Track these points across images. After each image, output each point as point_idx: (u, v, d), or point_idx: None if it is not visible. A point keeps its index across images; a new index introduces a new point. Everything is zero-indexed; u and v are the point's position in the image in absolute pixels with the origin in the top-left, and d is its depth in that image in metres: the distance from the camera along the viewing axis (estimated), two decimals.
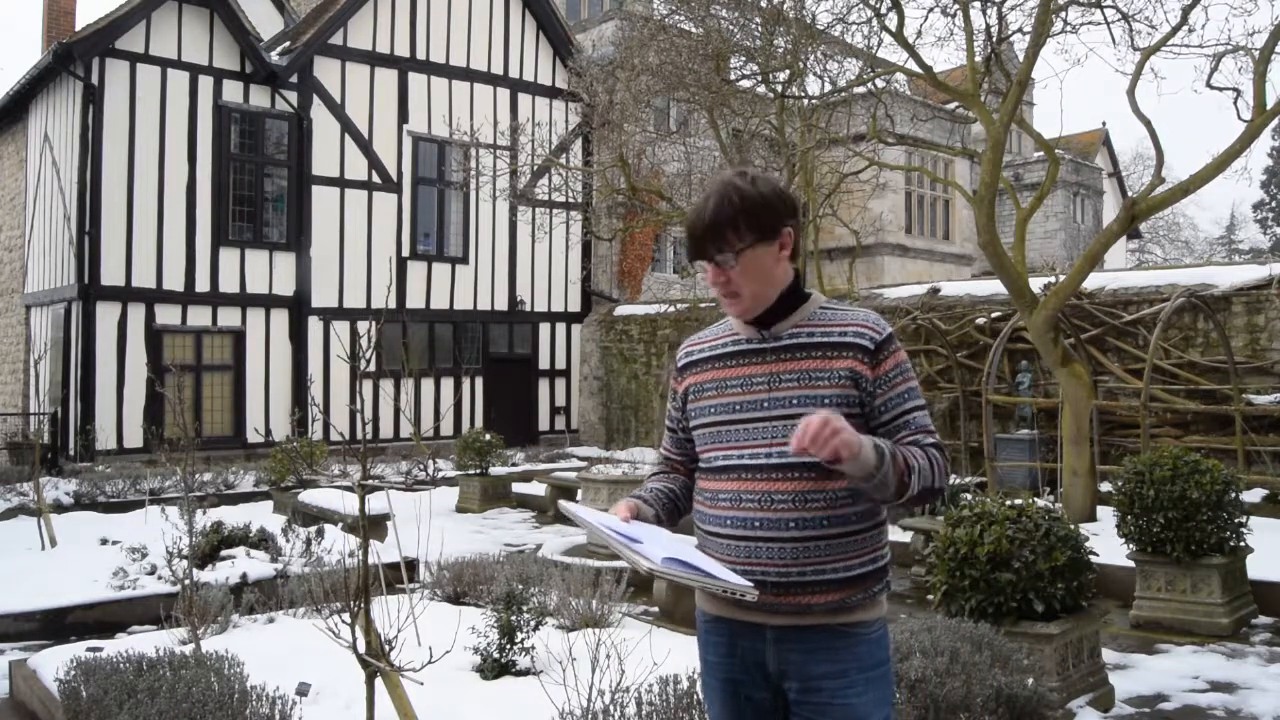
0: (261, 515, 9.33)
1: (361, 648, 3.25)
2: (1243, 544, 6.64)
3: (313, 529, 7.82)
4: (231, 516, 8.12)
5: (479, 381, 18.71)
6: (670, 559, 1.88)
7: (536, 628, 4.74)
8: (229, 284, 16.09)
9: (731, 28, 14.15)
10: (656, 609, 6.75)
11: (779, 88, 13.30)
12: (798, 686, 2.09)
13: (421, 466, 14.51)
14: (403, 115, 17.80)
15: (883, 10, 11.07)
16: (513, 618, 4.66)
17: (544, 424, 19.64)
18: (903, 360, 2.13)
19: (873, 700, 2.09)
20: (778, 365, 2.12)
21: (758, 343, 2.16)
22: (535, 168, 17.84)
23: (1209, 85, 10.03)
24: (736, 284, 2.11)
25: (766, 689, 2.14)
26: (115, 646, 4.93)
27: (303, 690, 4.30)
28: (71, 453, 14.85)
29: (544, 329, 19.72)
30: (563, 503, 2.20)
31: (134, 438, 14.99)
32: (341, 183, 17.14)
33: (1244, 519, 6.57)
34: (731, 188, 2.10)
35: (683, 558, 1.91)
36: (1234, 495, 6.45)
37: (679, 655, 4.25)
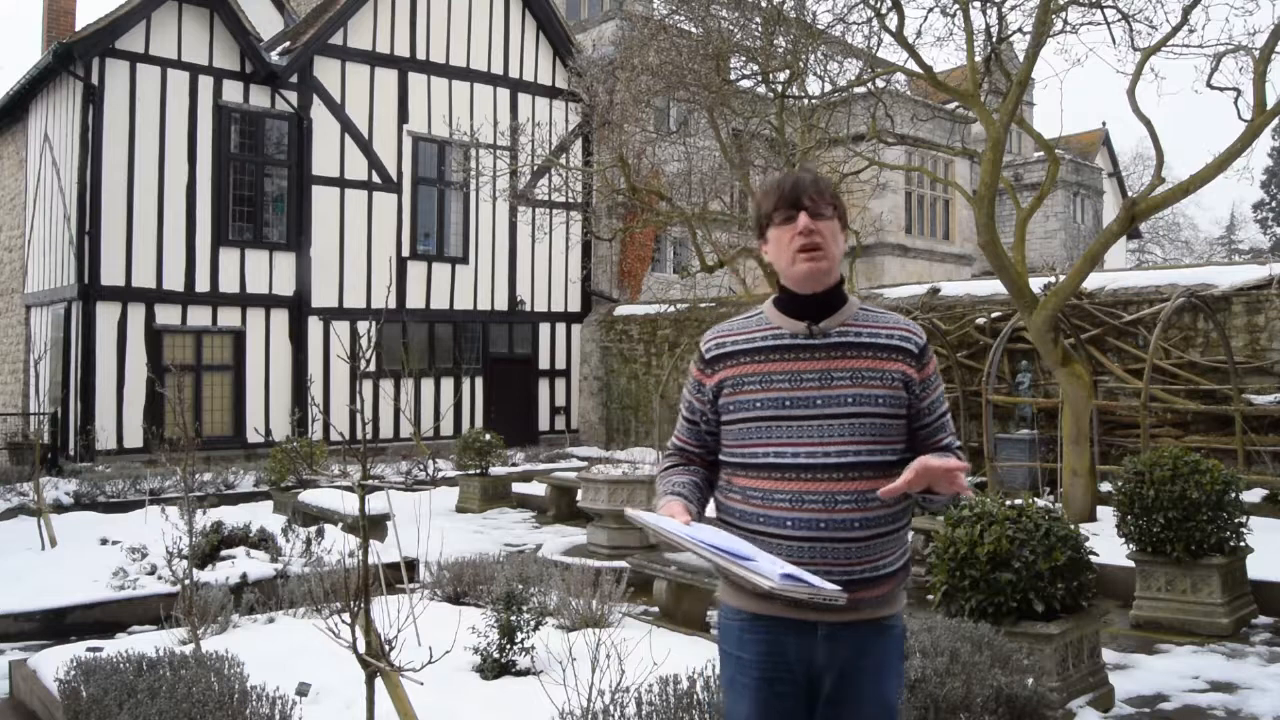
0: (261, 515, 9.32)
1: (361, 648, 3.25)
2: (1243, 544, 6.64)
3: (313, 529, 7.82)
4: (231, 516, 8.11)
5: (479, 381, 18.72)
6: (785, 575, 1.89)
7: (536, 628, 4.74)
8: (229, 284, 16.10)
9: (731, 28, 14.14)
10: (656, 609, 6.75)
11: (779, 88, 13.29)
12: (837, 678, 2.14)
13: (421, 466, 14.51)
14: (403, 115, 17.81)
15: (883, 10, 11.06)
16: (513, 618, 4.66)
17: (544, 424, 19.64)
18: (936, 365, 2.26)
19: (895, 687, 2.22)
20: (829, 363, 2.14)
21: (804, 337, 2.16)
22: (535, 168, 17.84)
23: (1209, 85, 10.02)
24: (824, 239, 2.15)
25: (806, 684, 2.16)
26: (115, 646, 4.93)
27: (303, 690, 4.29)
28: (71, 453, 14.85)
29: (544, 329, 19.72)
30: (629, 511, 2.16)
31: (134, 438, 15.00)
32: (341, 183, 17.14)
33: (1244, 519, 6.56)
34: (814, 172, 2.31)
35: (791, 571, 1.93)
36: (1234, 495, 6.45)
37: (679, 655, 4.25)
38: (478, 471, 12.83)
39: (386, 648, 3.32)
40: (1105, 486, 9.59)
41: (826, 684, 2.15)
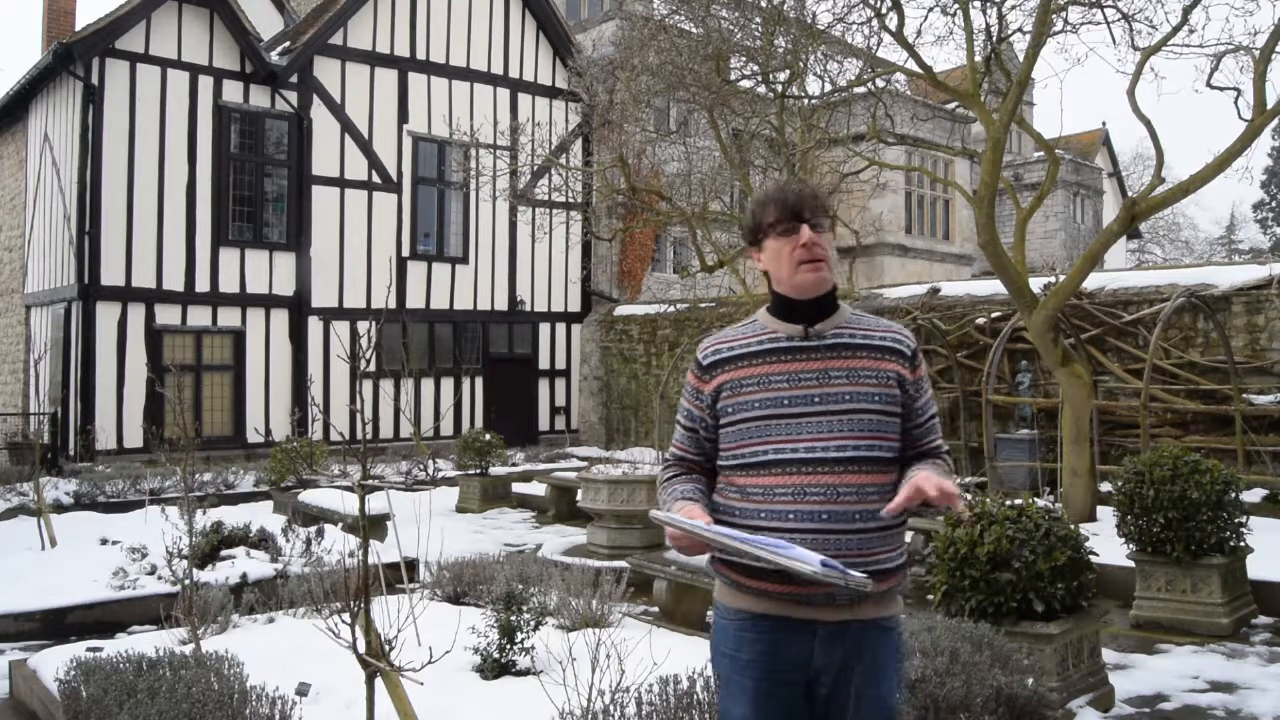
0: (261, 515, 9.32)
1: (361, 648, 3.25)
2: (1243, 544, 6.64)
3: (313, 529, 7.82)
4: (231, 516, 8.11)
5: (479, 381, 18.72)
6: (823, 562, 1.93)
7: (536, 628, 4.74)
8: (229, 284, 16.10)
9: (731, 28, 14.14)
10: (656, 609, 6.75)
11: (779, 88, 13.29)
12: (834, 680, 2.16)
13: (421, 466, 14.51)
14: (403, 115, 17.81)
15: (883, 10, 11.06)
16: (513, 618, 4.66)
17: (544, 424, 19.64)
18: (926, 369, 2.33)
19: (892, 688, 2.23)
20: (826, 362, 2.21)
21: (801, 340, 2.24)
22: (535, 168, 17.84)
23: (1209, 85, 10.02)
24: (825, 250, 2.25)
25: (803, 684, 2.18)
26: (115, 646, 4.93)
27: (303, 690, 4.29)
28: (71, 453, 14.85)
29: (544, 329, 19.72)
30: (654, 513, 2.18)
31: (134, 438, 15.00)
32: (341, 183, 17.14)
33: (1244, 519, 6.56)
34: (806, 182, 2.44)
35: (828, 560, 1.96)
36: (1234, 495, 6.45)
37: (679, 655, 4.24)
38: (478, 471, 12.83)
39: (386, 648, 3.32)
40: (1105, 486, 9.59)
41: (824, 685, 2.16)
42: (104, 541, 8.17)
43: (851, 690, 2.15)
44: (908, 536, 2.30)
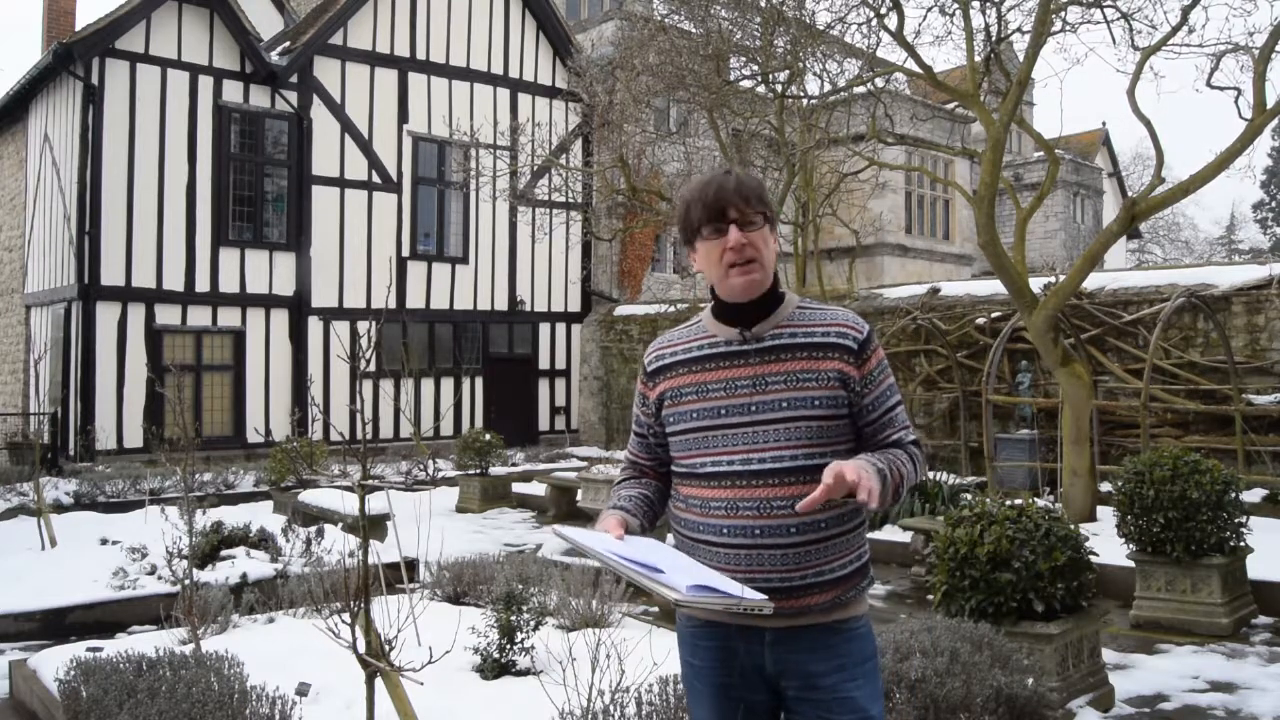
0: (261, 515, 9.32)
1: (361, 648, 3.25)
2: (1243, 544, 6.64)
3: (313, 529, 7.81)
4: (231, 516, 8.11)
5: (479, 381, 18.72)
6: (695, 586, 1.84)
7: (536, 628, 4.74)
8: (229, 284, 16.10)
9: (731, 28, 14.15)
10: (656, 609, 6.75)
11: (779, 88, 13.29)
12: (798, 685, 2.10)
13: (421, 466, 14.51)
14: (403, 115, 17.81)
15: (882, 10, 11.07)
16: (513, 618, 4.66)
17: (544, 424, 19.64)
18: (882, 357, 2.17)
19: (870, 693, 2.11)
20: (762, 368, 2.10)
21: (739, 344, 2.12)
22: (535, 168, 17.84)
23: (1209, 85, 10.02)
24: (757, 249, 2.09)
25: (764, 690, 2.13)
26: (115, 646, 4.93)
27: (303, 690, 4.29)
28: (71, 453, 14.85)
29: (544, 329, 19.72)
30: (557, 527, 2.10)
31: (134, 438, 15.00)
32: (341, 183, 17.14)
33: (1244, 519, 6.56)
34: (736, 171, 2.14)
35: (705, 582, 1.88)
36: (1234, 495, 6.45)
37: (679, 655, 4.24)
38: (478, 471, 12.83)
39: (386, 648, 3.32)
40: (1105, 486, 9.59)
41: (790, 691, 2.11)
42: (104, 541, 8.16)
43: (818, 694, 2.08)
44: (906, 537, 2.23)
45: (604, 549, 1.94)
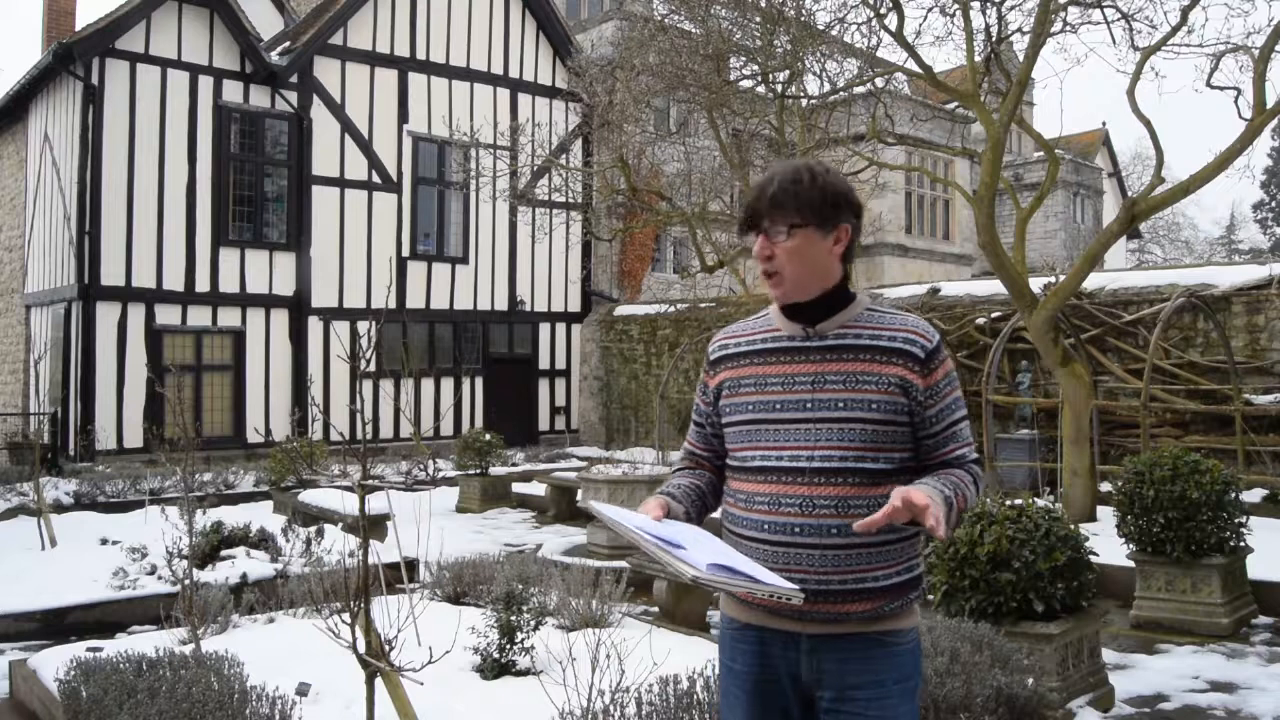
0: (261, 515, 9.32)
1: (361, 648, 3.25)
2: (1243, 544, 6.64)
3: (313, 529, 7.82)
4: (231, 516, 8.11)
5: (479, 381, 18.72)
6: (715, 565, 1.78)
7: (536, 628, 4.74)
8: (229, 284, 16.10)
9: (731, 28, 14.14)
10: (656, 609, 6.75)
11: (779, 88, 13.29)
12: (831, 695, 2.05)
13: (421, 466, 14.49)
14: (403, 115, 17.81)
15: (882, 10, 11.06)
16: (513, 618, 4.66)
17: (544, 424, 19.64)
18: (951, 369, 2.10)
19: (907, 713, 2.06)
20: (823, 365, 2.06)
21: (801, 340, 2.10)
22: (535, 168, 17.84)
23: (1209, 85, 10.03)
24: (780, 262, 2.05)
25: (797, 698, 2.09)
26: (115, 646, 4.93)
27: (303, 690, 4.29)
28: (71, 453, 14.85)
29: (544, 329, 19.72)
30: (592, 503, 2.08)
31: (134, 438, 14.99)
32: (341, 183, 17.14)
33: (1244, 519, 6.56)
34: (804, 168, 2.07)
35: (726, 562, 1.82)
36: (1234, 495, 6.45)
37: (679, 655, 4.25)
38: (478, 471, 12.83)
39: (386, 648, 3.32)
40: (1105, 486, 9.59)
41: (823, 702, 2.06)
42: (104, 541, 8.17)
43: (852, 708, 2.03)
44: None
45: (632, 523, 1.89)
